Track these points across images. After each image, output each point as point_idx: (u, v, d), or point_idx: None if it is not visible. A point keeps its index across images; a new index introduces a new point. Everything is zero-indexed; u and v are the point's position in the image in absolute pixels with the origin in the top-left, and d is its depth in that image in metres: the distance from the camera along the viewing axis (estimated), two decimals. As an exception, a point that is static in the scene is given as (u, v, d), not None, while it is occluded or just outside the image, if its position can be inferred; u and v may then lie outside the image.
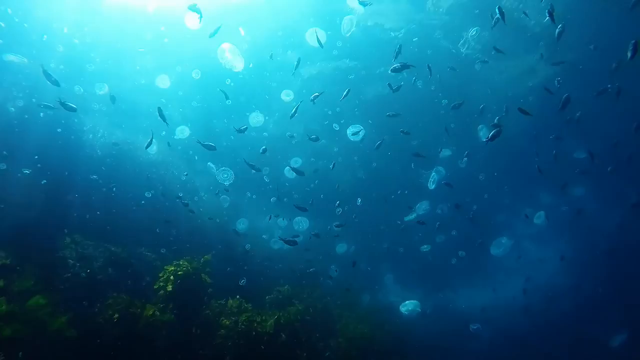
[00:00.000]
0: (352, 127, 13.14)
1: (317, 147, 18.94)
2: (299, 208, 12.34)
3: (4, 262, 9.30)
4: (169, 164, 18.30)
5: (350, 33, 13.77)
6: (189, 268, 10.35)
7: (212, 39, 11.53)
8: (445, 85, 17.14)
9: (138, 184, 15.44)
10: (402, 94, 13.81)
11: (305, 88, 18.61)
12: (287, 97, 16.66)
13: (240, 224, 16.11)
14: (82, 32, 15.67)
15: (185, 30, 13.73)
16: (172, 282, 10.04)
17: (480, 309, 20.22)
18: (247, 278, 12.93)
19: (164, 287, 10.03)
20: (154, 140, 11.74)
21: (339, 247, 17.98)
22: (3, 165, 11.54)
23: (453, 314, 21.83)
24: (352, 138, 13.21)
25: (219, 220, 16.42)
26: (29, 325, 7.67)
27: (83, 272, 10.57)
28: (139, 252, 12.94)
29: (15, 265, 9.40)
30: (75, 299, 9.72)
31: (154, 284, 10.27)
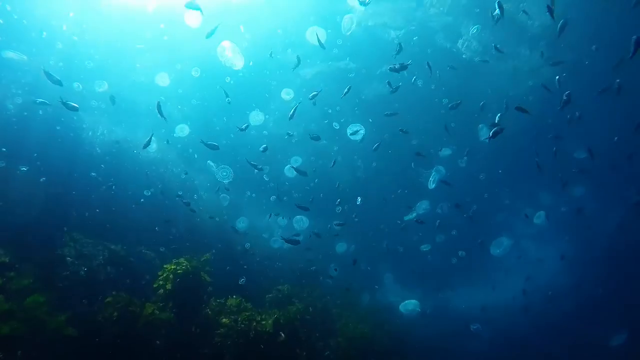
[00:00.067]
0: (351, 126, 13.09)
1: (317, 146, 18.91)
2: (301, 207, 12.29)
3: (3, 260, 9.24)
4: (169, 162, 18.27)
5: (351, 32, 13.72)
6: (189, 267, 10.30)
7: (211, 38, 11.47)
8: (446, 85, 17.11)
9: (137, 182, 15.40)
10: (402, 94, 13.77)
11: (305, 87, 18.57)
12: (287, 95, 16.62)
13: (240, 223, 16.06)
14: (81, 29, 15.62)
15: (185, 28, 13.68)
16: (171, 280, 10.00)
17: (480, 309, 20.20)
18: (246, 277, 12.89)
19: (164, 285, 9.98)
20: (154, 139, 11.70)
21: (339, 246, 17.94)
22: (2, 163, 11.48)
23: (453, 314, 21.83)
24: (351, 137, 13.16)
25: (219, 219, 16.38)
26: (28, 324, 7.61)
27: (82, 270, 10.52)
28: (139, 250, 12.89)
29: (14, 263, 9.34)
30: (74, 298, 9.67)
31: (154, 283, 10.22)
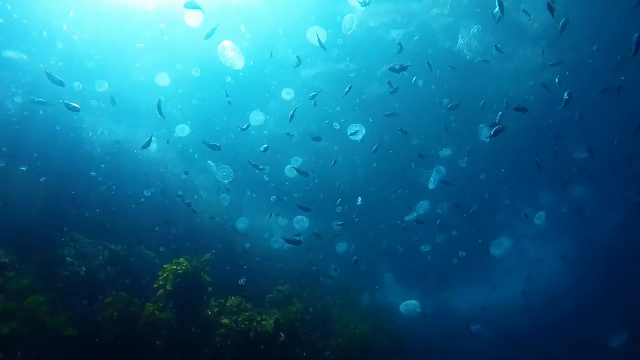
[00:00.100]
0: (352, 126, 13.06)
1: (317, 146, 18.90)
2: (302, 208, 12.27)
3: (3, 260, 9.23)
4: (169, 162, 18.24)
5: (351, 32, 13.70)
6: (189, 267, 10.28)
7: (211, 37, 11.45)
8: (446, 84, 17.09)
9: (137, 182, 15.38)
10: (402, 94, 13.76)
11: (306, 87, 18.55)
12: (287, 95, 16.60)
13: (240, 223, 16.04)
14: (81, 29, 15.60)
15: (185, 28, 13.67)
16: (171, 280, 9.99)
17: (481, 309, 20.19)
18: (246, 277, 12.87)
19: (164, 285, 9.97)
20: (154, 138, 11.67)
21: (339, 246, 17.93)
22: (2, 163, 11.47)
23: (453, 314, 21.82)
24: (352, 138, 13.13)
25: (219, 219, 16.36)
26: (27, 324, 7.60)
27: (82, 270, 10.50)
28: (138, 250, 12.87)
29: (14, 263, 9.33)
30: (74, 298, 9.66)
31: (154, 283, 10.20)
